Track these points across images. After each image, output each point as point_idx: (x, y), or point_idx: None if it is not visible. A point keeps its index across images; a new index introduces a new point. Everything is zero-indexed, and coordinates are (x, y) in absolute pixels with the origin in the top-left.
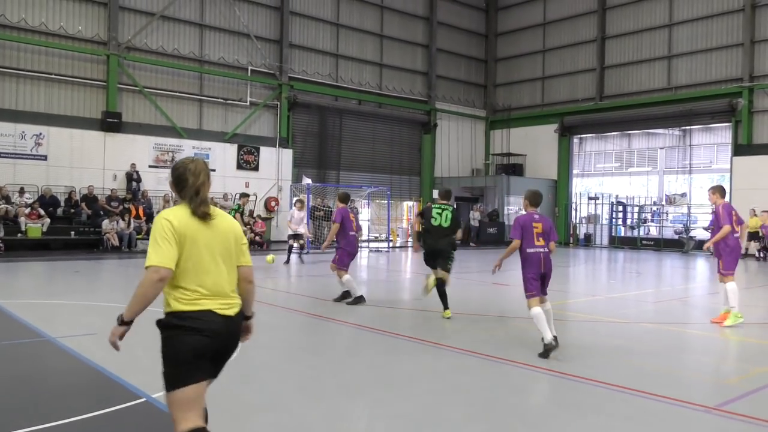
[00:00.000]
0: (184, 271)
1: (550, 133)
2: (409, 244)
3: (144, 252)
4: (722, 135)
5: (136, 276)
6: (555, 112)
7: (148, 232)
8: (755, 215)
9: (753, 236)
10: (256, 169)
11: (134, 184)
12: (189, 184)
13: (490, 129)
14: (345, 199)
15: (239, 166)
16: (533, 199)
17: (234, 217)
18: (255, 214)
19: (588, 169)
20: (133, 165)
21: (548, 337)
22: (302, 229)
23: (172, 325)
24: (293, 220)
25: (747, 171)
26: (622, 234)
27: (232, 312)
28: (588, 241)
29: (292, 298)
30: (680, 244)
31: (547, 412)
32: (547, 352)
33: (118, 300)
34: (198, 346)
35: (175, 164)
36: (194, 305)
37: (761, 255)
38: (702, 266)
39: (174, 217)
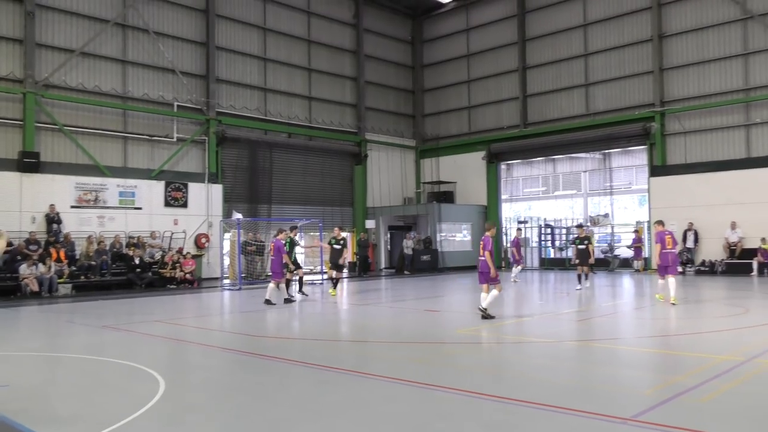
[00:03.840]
0: None
1: (479, 160)
2: (344, 275)
3: (67, 296)
4: (639, 157)
5: (57, 322)
6: (482, 140)
7: (71, 276)
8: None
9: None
10: (184, 205)
11: (55, 226)
12: None
13: (420, 158)
14: (279, 232)
15: (167, 204)
16: (489, 226)
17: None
18: (185, 252)
19: (516, 194)
20: (52, 206)
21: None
22: None
23: None
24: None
25: (663, 190)
26: (552, 256)
27: None
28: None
29: (223, 337)
30: (606, 263)
31: None
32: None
33: (33, 348)
34: None
35: None
36: None
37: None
38: (627, 283)
39: None
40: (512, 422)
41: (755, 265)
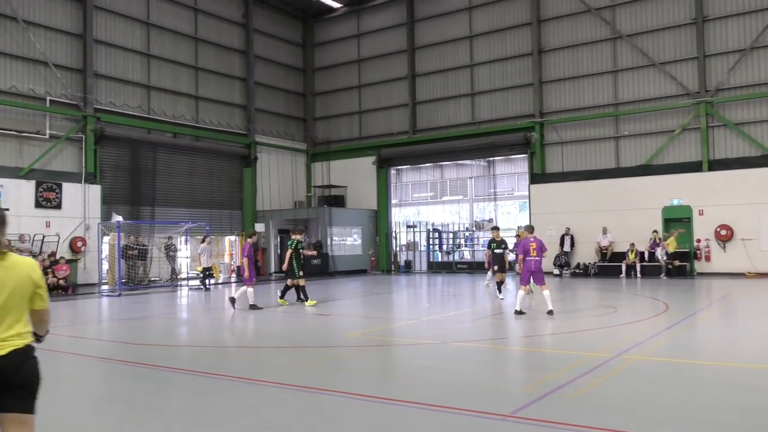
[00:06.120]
0: None
1: (369, 164)
2: (233, 280)
3: None
4: (521, 165)
5: None
6: (373, 145)
7: None
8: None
9: None
10: (58, 207)
11: None
12: None
13: (311, 161)
14: (250, 235)
15: (38, 205)
16: (529, 229)
17: (290, 252)
18: (58, 256)
19: (405, 199)
20: None
21: (517, 307)
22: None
23: None
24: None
25: (542, 197)
26: (440, 259)
27: (2, 352)
28: (408, 268)
29: (100, 346)
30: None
31: None
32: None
33: None
34: None
35: None
36: None
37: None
38: (511, 285)
39: None
40: (398, 423)
41: (624, 268)
